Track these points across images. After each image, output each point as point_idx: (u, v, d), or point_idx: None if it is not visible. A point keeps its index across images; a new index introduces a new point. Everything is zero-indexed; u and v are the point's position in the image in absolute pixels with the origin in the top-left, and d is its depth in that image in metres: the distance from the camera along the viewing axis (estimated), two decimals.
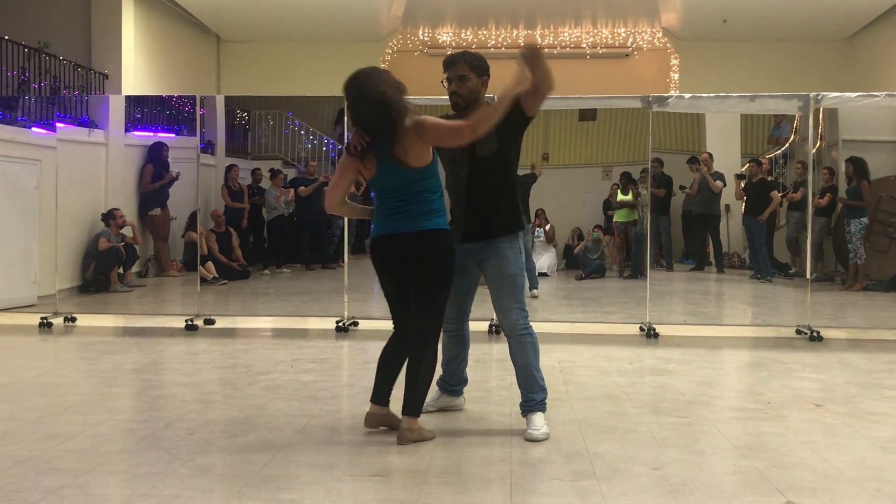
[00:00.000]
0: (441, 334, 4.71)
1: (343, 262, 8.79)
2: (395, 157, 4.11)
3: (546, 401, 4.48)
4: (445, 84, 4.46)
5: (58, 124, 9.61)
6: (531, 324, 4.47)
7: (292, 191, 10.52)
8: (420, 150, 4.11)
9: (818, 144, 9.35)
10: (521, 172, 9.50)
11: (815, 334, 7.62)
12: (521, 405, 4.48)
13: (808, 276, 8.23)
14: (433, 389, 4.90)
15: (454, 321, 4.68)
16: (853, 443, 4.30)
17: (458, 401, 4.91)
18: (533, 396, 4.44)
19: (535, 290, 9.64)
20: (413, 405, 4.23)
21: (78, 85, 12.71)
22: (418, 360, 4.24)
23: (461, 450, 4.15)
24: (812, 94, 8.13)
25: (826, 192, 9.64)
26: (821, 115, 9.02)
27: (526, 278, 4.56)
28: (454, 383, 4.86)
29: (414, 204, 4.17)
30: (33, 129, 10.10)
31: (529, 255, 9.75)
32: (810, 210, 8.33)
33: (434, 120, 4.16)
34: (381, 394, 4.37)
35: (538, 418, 4.39)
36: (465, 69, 4.40)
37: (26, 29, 12.46)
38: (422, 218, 4.16)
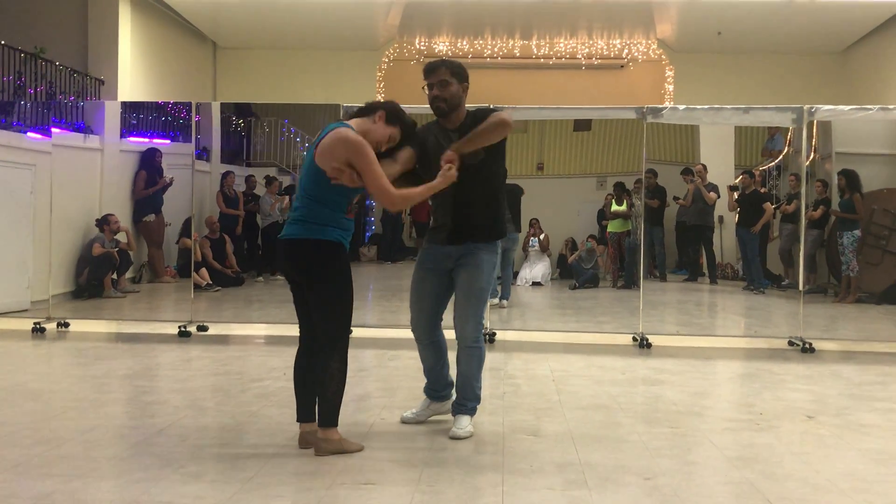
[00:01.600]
0: (417, 347, 4.72)
1: None
2: (314, 154, 4.08)
3: (477, 408, 4.68)
4: (426, 91, 4.53)
5: (53, 129, 9.61)
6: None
7: (287, 198, 10.51)
8: (338, 161, 4.01)
9: (812, 157, 9.39)
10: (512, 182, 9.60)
11: (807, 346, 7.65)
12: (454, 404, 4.69)
13: (800, 287, 8.26)
14: (421, 398, 4.89)
15: (426, 329, 4.68)
16: (844, 454, 4.31)
17: (447, 405, 4.87)
18: (465, 402, 4.64)
19: (504, 301, 9.62)
20: (323, 416, 4.12)
21: (74, 90, 12.71)
22: (321, 369, 4.11)
23: (453, 458, 4.15)
24: (806, 107, 8.18)
25: (819, 205, 9.67)
26: (814, 127, 9.06)
27: (489, 294, 4.59)
28: (440, 389, 4.83)
29: (310, 211, 4.10)
30: (29, 134, 10.09)
31: (509, 265, 9.76)
32: (803, 222, 8.36)
33: (369, 161, 4.02)
34: (305, 410, 4.24)
35: (465, 420, 4.60)
36: (447, 74, 4.48)
37: (22, 34, 12.46)
38: (315, 227, 4.08)
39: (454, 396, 4.83)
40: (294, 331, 4.42)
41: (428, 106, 4.57)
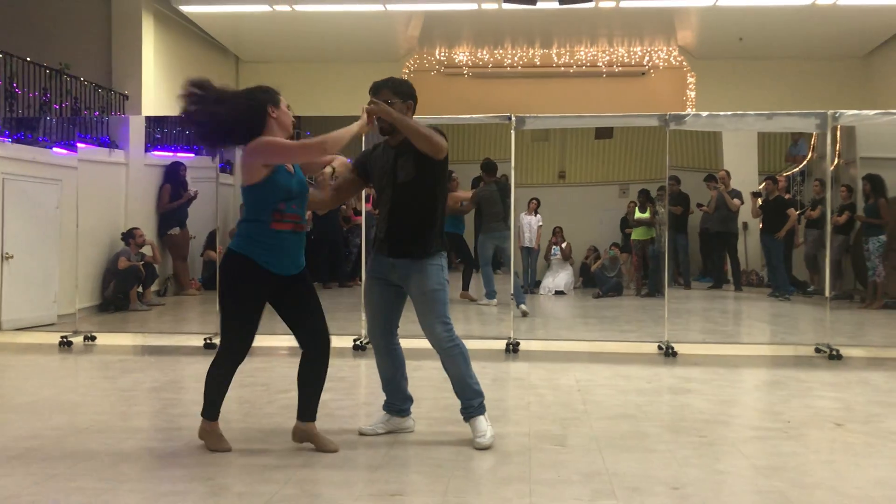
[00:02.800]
0: (375, 357, 4.75)
1: (360, 280, 8.83)
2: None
3: (484, 403, 4.62)
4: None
5: (78, 144, 9.71)
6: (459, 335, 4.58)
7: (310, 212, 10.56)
8: (249, 167, 4.35)
9: (836, 162, 9.32)
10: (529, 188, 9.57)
11: (834, 353, 7.57)
12: (461, 411, 4.61)
13: (826, 293, 8.18)
14: (446, 409, 4.87)
15: (381, 336, 4.69)
16: (874, 462, 4.27)
17: (407, 422, 4.81)
18: (471, 403, 4.58)
19: (523, 306, 9.58)
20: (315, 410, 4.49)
21: (98, 105, 12.85)
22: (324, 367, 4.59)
23: (479, 468, 4.15)
24: (829, 112, 8.11)
25: (844, 210, 9.60)
26: (838, 132, 8.99)
27: (445, 293, 4.54)
28: (399, 403, 4.78)
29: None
30: (54, 149, 10.21)
31: (516, 273, 9.73)
32: (829, 228, 8.29)
33: (270, 139, 4.35)
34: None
35: (481, 423, 4.53)
36: (389, 94, 4.49)
37: (48, 50, 12.62)
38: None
39: (412, 417, 4.83)
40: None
41: (450, 117, 4.62)
